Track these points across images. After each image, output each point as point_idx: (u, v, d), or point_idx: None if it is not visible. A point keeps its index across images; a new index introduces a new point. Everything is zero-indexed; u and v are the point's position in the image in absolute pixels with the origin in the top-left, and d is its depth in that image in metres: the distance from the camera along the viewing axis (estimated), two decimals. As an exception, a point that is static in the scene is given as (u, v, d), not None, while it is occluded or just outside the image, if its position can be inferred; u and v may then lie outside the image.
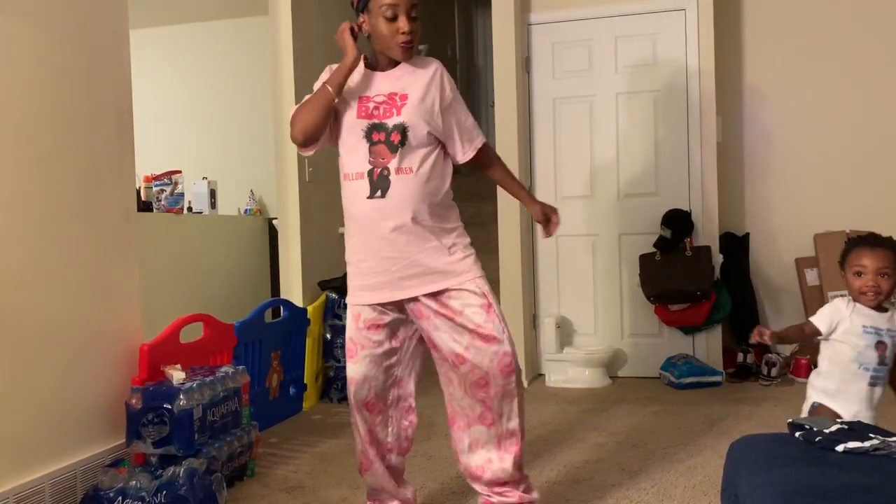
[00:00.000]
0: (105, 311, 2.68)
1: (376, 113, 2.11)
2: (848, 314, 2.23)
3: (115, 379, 2.68)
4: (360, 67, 2.16)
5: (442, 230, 2.15)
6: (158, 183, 4.35)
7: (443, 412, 2.29)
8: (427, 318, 2.16)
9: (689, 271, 4.19)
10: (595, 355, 4.35)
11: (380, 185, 2.09)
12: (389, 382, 2.23)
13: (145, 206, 4.17)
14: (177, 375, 2.60)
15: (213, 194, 5.03)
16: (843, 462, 1.63)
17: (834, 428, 1.78)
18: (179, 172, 4.40)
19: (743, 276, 4.57)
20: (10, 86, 2.32)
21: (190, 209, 4.91)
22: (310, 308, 3.97)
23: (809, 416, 2.23)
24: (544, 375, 4.48)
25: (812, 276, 4.44)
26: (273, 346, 3.57)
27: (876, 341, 2.20)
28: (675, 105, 4.40)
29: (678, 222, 4.28)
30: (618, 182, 4.49)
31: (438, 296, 2.13)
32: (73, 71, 2.57)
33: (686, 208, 4.35)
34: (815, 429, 1.78)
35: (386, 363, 2.21)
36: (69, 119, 2.55)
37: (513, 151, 4.34)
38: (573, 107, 4.54)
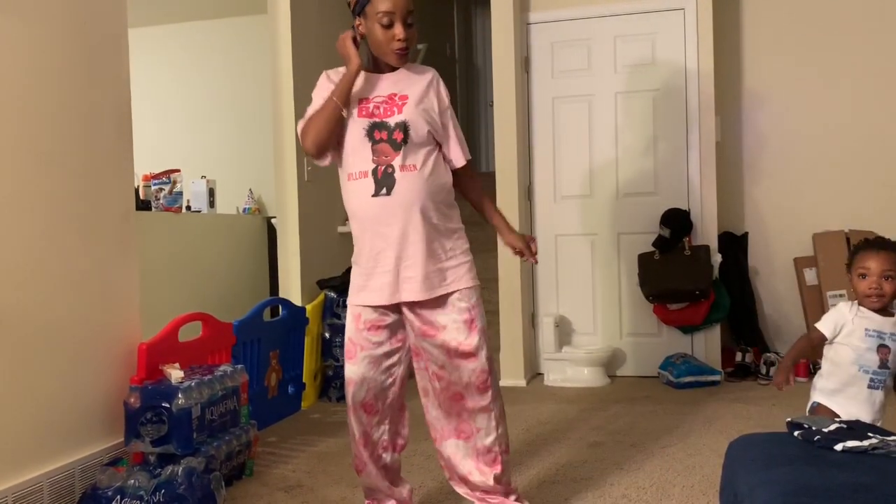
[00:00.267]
0: (104, 310, 2.68)
1: (377, 112, 2.11)
2: (851, 317, 2.25)
3: (114, 378, 2.68)
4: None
5: (447, 230, 2.16)
6: (157, 182, 4.34)
7: (442, 411, 2.29)
8: (413, 327, 2.18)
9: (688, 271, 4.19)
10: (594, 354, 4.35)
11: (385, 183, 2.08)
12: (388, 383, 2.23)
13: (144, 205, 4.16)
14: (175, 374, 2.60)
15: (212, 193, 5.03)
16: (842, 461, 1.63)
17: (832, 427, 1.78)
18: (178, 171, 4.39)
19: (742, 276, 4.57)
20: (10, 86, 2.32)
21: (188, 208, 4.90)
22: (308, 307, 3.97)
23: (808, 416, 2.24)
24: (543, 374, 4.48)
25: (811, 276, 4.44)
26: (272, 345, 3.57)
27: (878, 345, 2.22)
28: (674, 105, 4.40)
29: (677, 222, 4.28)
30: (617, 181, 4.50)
31: (424, 308, 2.13)
32: (73, 71, 2.57)
33: (685, 208, 4.35)
34: (814, 428, 1.78)
35: (386, 363, 2.21)
36: (68, 118, 2.54)
37: (512, 151, 4.34)
38: (572, 106, 4.54)
